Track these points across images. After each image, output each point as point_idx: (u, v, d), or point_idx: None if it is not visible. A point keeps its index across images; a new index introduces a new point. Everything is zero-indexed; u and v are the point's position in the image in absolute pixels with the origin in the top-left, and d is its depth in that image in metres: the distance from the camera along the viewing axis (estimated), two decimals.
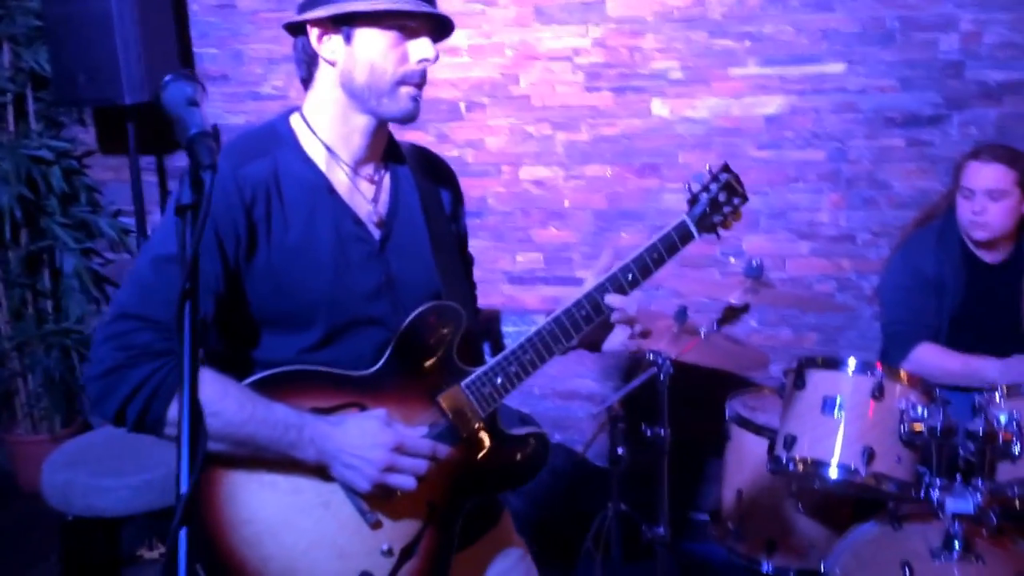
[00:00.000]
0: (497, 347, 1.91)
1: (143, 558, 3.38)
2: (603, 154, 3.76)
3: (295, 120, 1.70)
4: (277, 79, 4.04)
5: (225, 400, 1.53)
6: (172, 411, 1.51)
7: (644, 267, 1.76)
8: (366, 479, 1.56)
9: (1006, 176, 2.87)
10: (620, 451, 3.07)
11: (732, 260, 3.69)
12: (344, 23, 1.61)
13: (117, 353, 1.51)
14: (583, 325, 1.72)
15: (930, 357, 2.92)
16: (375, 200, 1.72)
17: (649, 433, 2.73)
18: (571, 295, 1.73)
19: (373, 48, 1.61)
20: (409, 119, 1.67)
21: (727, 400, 3.15)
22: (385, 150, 1.76)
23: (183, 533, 1.01)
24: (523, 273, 3.98)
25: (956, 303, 3.01)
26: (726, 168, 1.87)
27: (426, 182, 1.81)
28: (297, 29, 1.67)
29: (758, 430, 2.94)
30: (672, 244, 1.79)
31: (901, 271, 3.10)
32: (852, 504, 2.95)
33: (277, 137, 1.67)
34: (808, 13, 3.47)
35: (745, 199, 1.87)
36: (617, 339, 1.76)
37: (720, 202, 1.84)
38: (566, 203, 3.86)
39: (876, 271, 3.53)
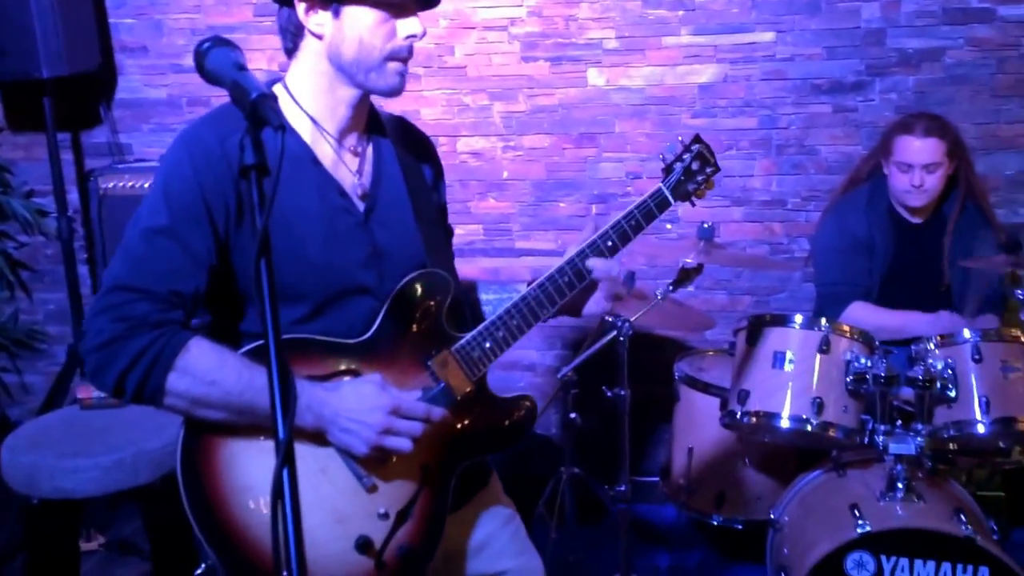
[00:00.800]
0: (476, 315, 1.96)
1: (79, 550, 3.30)
2: (540, 124, 3.80)
3: (278, 90, 1.70)
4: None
5: (223, 369, 1.54)
6: (171, 380, 1.52)
7: (623, 233, 1.84)
8: (364, 442, 1.58)
9: (939, 148, 3.03)
10: (573, 416, 3.15)
11: (668, 227, 3.78)
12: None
13: (115, 324, 1.51)
14: (566, 291, 1.78)
15: (863, 315, 3.06)
16: (359, 172, 1.74)
17: (610, 394, 2.80)
18: (554, 263, 1.79)
19: (361, 24, 1.62)
20: (395, 93, 1.69)
21: (675, 362, 3.24)
22: (367, 122, 1.77)
23: (285, 473, 1.14)
24: (462, 246, 4.00)
25: (885, 263, 3.16)
26: (698, 139, 1.96)
27: (407, 154, 1.83)
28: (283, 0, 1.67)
29: (706, 388, 3.05)
30: (649, 211, 1.87)
31: (833, 234, 3.24)
32: (797, 456, 3.08)
33: None
34: None
35: (717, 168, 1.97)
36: (596, 303, 1.84)
37: (694, 171, 1.94)
38: (504, 174, 3.89)
39: (806, 234, 3.67)
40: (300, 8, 1.63)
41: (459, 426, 1.73)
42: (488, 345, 1.74)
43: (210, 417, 1.56)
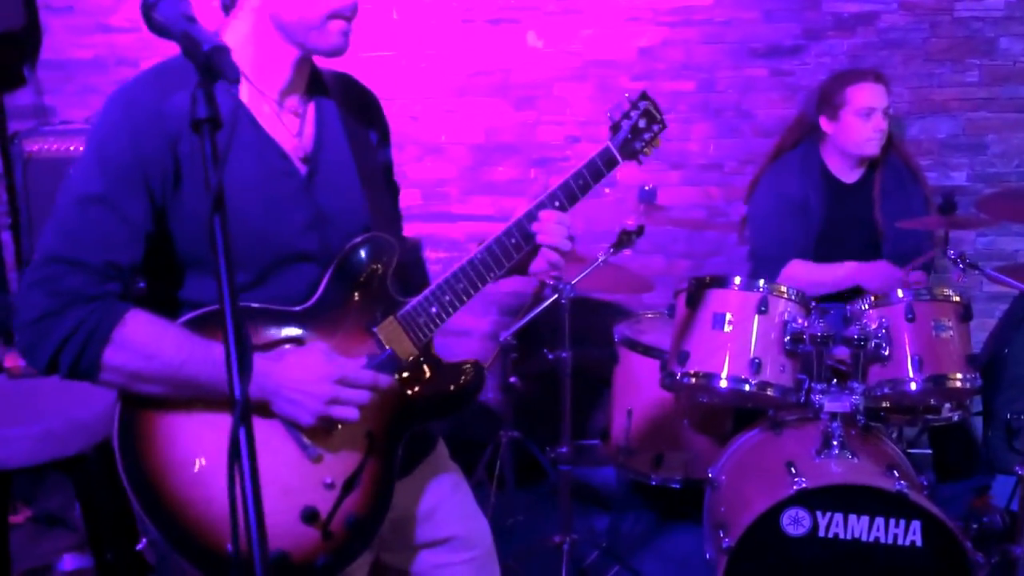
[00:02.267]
0: (422, 275, 1.92)
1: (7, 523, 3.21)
2: (479, 87, 3.75)
3: None
4: (130, 10, 3.80)
5: (162, 342, 1.49)
6: (107, 355, 1.47)
7: (570, 194, 1.80)
8: (309, 413, 1.54)
9: (889, 95, 3.11)
10: (512, 380, 3.14)
11: (607, 191, 3.77)
12: None
13: (47, 299, 1.46)
14: (514, 253, 1.75)
15: (799, 273, 3.10)
16: (300, 134, 1.67)
17: (551, 357, 2.80)
18: (500, 226, 1.75)
19: None
20: (338, 53, 1.63)
21: (615, 325, 3.25)
22: (309, 81, 1.71)
23: (242, 432, 1.15)
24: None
25: (820, 222, 3.20)
26: (644, 96, 1.92)
27: (351, 113, 1.77)
28: None
29: (646, 351, 3.06)
30: (597, 170, 1.83)
31: (768, 197, 3.27)
32: (733, 417, 3.12)
33: (193, 69, 1.60)
34: None
35: (664, 126, 1.93)
36: (541, 259, 1.80)
37: (640, 128, 1.89)
38: (442, 138, 3.84)
39: (742, 198, 3.70)
40: None
41: (405, 393, 1.70)
42: (434, 310, 1.70)
43: (149, 391, 1.51)
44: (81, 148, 3.28)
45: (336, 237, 1.67)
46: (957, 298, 2.57)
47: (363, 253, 1.67)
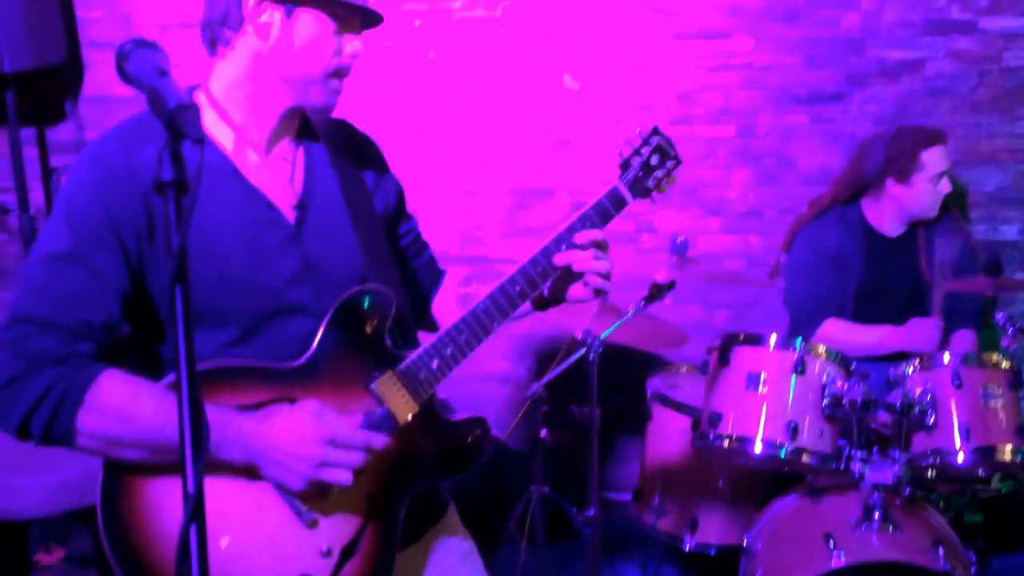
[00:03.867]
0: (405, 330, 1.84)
1: (39, 564, 3.20)
2: (516, 129, 3.69)
3: (199, 96, 1.59)
4: (172, 47, 3.81)
5: (137, 404, 1.43)
6: (80, 419, 1.41)
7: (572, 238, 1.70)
8: (299, 477, 1.47)
9: None
10: (543, 434, 3.05)
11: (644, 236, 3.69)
12: (291, 0, 1.53)
13: (14, 361, 1.40)
14: (518, 301, 1.67)
15: (837, 332, 2.99)
16: (290, 181, 1.63)
17: (578, 413, 2.71)
18: (505, 272, 1.68)
19: (312, 32, 1.54)
20: (329, 111, 1.62)
21: (648, 379, 3.16)
22: (299, 127, 1.67)
23: (192, 531, 1.05)
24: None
25: (859, 278, 3.09)
26: (656, 131, 1.82)
27: (345, 158, 1.72)
28: None
29: (679, 407, 2.96)
30: (605, 212, 1.73)
31: (805, 251, 3.15)
32: (769, 479, 3.00)
33: None
34: None
35: (679, 162, 1.82)
36: (579, 291, 1.73)
37: (653, 166, 1.79)
38: (479, 180, 3.78)
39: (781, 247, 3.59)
40: (249, 2, 1.53)
41: (405, 452, 1.62)
42: (436, 364, 1.63)
43: (128, 457, 1.44)
44: None
45: (329, 288, 1.61)
46: (1007, 364, 2.44)
47: (359, 304, 1.60)
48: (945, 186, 2.98)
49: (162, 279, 1.49)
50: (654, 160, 1.79)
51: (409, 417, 1.61)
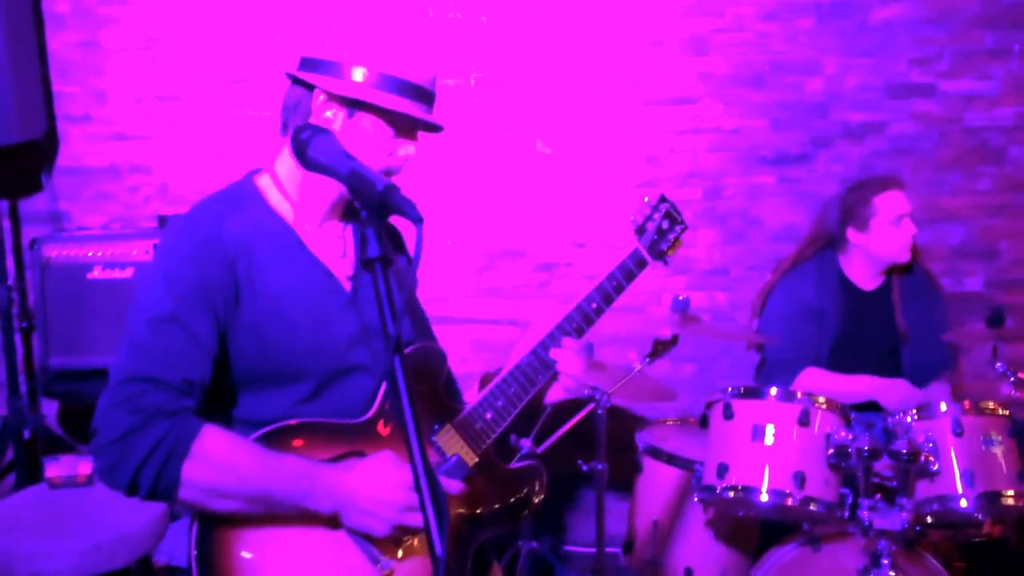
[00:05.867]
0: (451, 386, 1.96)
1: None
2: (487, 191, 3.71)
3: (263, 180, 1.72)
4: (143, 119, 3.75)
5: (237, 455, 1.51)
6: (186, 469, 1.48)
7: (605, 295, 1.91)
8: (384, 522, 1.54)
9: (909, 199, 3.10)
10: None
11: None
12: (355, 105, 1.63)
13: (129, 417, 1.47)
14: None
15: (814, 381, 3.05)
16: (342, 255, 1.75)
17: (586, 468, 2.70)
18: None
19: (370, 133, 1.65)
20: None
21: (636, 433, 3.15)
22: (344, 209, 1.78)
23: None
24: None
25: (836, 330, 3.16)
26: (663, 199, 2.01)
27: (385, 233, 1.82)
28: (297, 79, 1.67)
29: (670, 459, 2.96)
30: (629, 272, 1.94)
31: (783, 302, 3.23)
32: (759, 529, 3.01)
33: (245, 196, 1.69)
34: (686, 55, 3.60)
35: (685, 227, 2.03)
36: (555, 391, 1.89)
37: (664, 230, 1.99)
38: (448, 242, 3.77)
39: (748, 302, 3.63)
40: (318, 97, 1.64)
41: (472, 499, 1.72)
42: (489, 416, 1.77)
43: (225, 508, 1.51)
44: (97, 253, 3.39)
45: (383, 350, 1.64)
46: (1005, 412, 2.51)
47: (415, 363, 1.73)
48: (908, 227, 3.07)
49: (240, 343, 1.60)
50: (665, 224, 2.00)
51: (472, 466, 1.73)
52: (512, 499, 1.79)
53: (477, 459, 1.74)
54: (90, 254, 3.39)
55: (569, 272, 3.75)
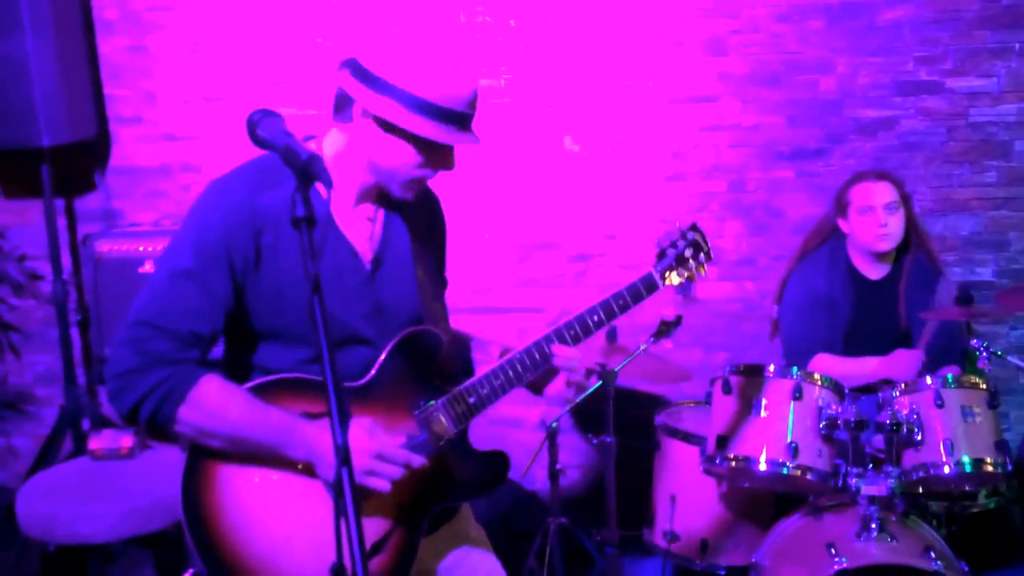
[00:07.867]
0: (467, 367, 2.11)
1: None
2: (520, 188, 3.93)
3: (311, 145, 1.84)
4: (192, 120, 4.02)
5: (228, 406, 1.74)
6: (181, 412, 1.71)
7: (609, 311, 1.99)
8: None
9: (893, 189, 3.25)
10: (559, 466, 3.25)
11: None
12: (388, 127, 1.75)
13: (134, 357, 1.70)
14: (550, 360, 1.95)
15: (826, 366, 3.22)
16: (371, 237, 1.91)
17: (595, 442, 2.92)
18: (541, 331, 1.96)
19: (400, 151, 1.78)
20: (405, 200, 1.88)
21: (655, 413, 3.37)
22: (378, 194, 1.91)
23: (344, 472, 1.37)
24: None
25: (846, 318, 3.34)
26: (694, 227, 2.08)
27: (416, 216, 1.99)
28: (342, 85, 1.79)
29: (685, 437, 3.17)
30: (637, 293, 2.00)
31: (797, 291, 3.42)
32: (774, 503, 3.20)
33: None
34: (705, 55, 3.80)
35: (710, 258, 2.07)
36: (557, 387, 2.00)
37: (686, 258, 2.05)
38: (486, 236, 4.01)
39: (774, 291, 3.83)
40: (358, 108, 1.77)
41: (436, 474, 1.89)
42: (472, 400, 1.92)
43: (213, 445, 1.74)
44: (148, 248, 3.56)
45: (391, 326, 1.90)
46: (984, 385, 2.68)
47: (413, 342, 1.89)
48: (875, 218, 3.19)
49: (261, 299, 1.79)
50: (688, 253, 2.04)
51: (443, 443, 1.89)
52: (473, 479, 1.96)
53: (452, 437, 1.89)
54: (141, 249, 3.60)
55: (604, 263, 3.94)
